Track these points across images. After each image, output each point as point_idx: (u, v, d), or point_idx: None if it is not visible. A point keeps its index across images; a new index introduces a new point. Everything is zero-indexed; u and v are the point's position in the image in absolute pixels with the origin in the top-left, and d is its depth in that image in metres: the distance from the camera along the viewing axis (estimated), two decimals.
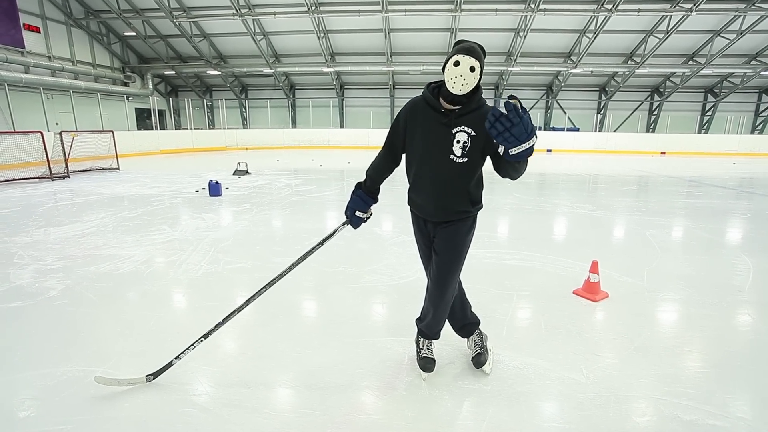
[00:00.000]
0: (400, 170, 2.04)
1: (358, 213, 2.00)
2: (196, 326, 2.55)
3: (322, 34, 18.14)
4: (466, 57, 1.66)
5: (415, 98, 1.88)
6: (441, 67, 1.75)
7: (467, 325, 2.21)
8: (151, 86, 21.06)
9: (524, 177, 10.43)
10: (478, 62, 1.66)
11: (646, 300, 3.07)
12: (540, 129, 21.44)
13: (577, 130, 21.51)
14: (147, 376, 2.03)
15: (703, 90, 21.29)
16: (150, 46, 19.51)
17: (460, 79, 1.67)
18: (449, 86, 1.70)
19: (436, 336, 2.15)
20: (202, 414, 1.84)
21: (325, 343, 2.46)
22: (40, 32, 16.26)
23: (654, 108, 21.84)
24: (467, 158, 1.79)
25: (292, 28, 18.12)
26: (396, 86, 21.95)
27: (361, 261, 3.87)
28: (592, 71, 19.30)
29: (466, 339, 2.27)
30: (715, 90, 20.97)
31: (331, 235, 2.07)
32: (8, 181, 8.65)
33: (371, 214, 2.04)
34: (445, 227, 1.93)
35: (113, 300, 3.05)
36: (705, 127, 21.51)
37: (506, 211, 6.15)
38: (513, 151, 1.53)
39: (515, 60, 18.38)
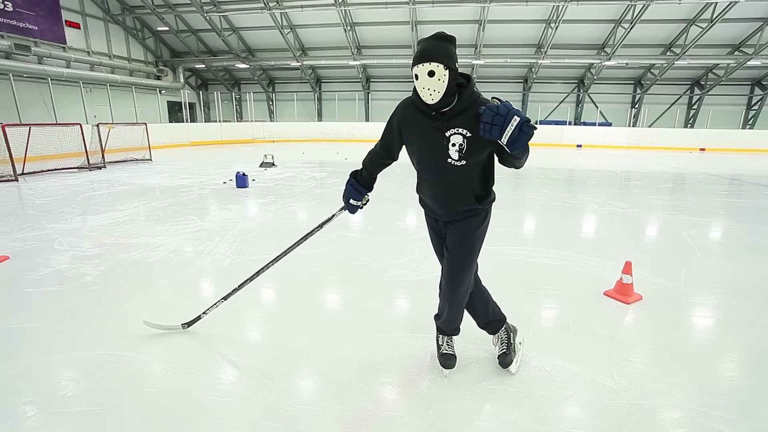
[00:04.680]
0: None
1: (352, 201, 2.07)
2: (220, 314, 2.60)
3: (348, 27, 18.12)
4: (420, 66, 1.59)
5: (405, 100, 1.82)
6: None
7: (491, 322, 2.16)
8: (182, 80, 21.66)
9: (553, 172, 10.15)
10: (435, 63, 1.56)
11: (683, 304, 2.92)
12: (570, 124, 20.77)
13: (610, 125, 20.74)
14: (182, 324, 2.45)
15: (749, 82, 20.04)
16: (182, 40, 20.04)
17: (426, 91, 1.61)
18: (423, 98, 1.65)
19: (455, 332, 2.11)
20: (225, 402, 1.87)
21: (347, 337, 2.45)
22: (80, 28, 16.95)
23: (693, 102, 20.77)
24: (465, 161, 1.71)
25: (319, 21, 18.19)
26: None
27: (386, 255, 3.85)
28: (627, 63, 18.52)
29: (492, 336, 2.21)
30: (763, 82, 19.71)
31: (329, 220, 2.26)
32: (50, 170, 9.09)
33: (368, 201, 2.11)
34: (456, 224, 1.89)
35: (143, 287, 3.15)
36: (750, 122, 20.28)
37: (533, 208, 5.98)
38: (504, 140, 1.51)
39: (545, 52, 17.83)
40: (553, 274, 3.43)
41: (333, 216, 2.24)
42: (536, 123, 21.08)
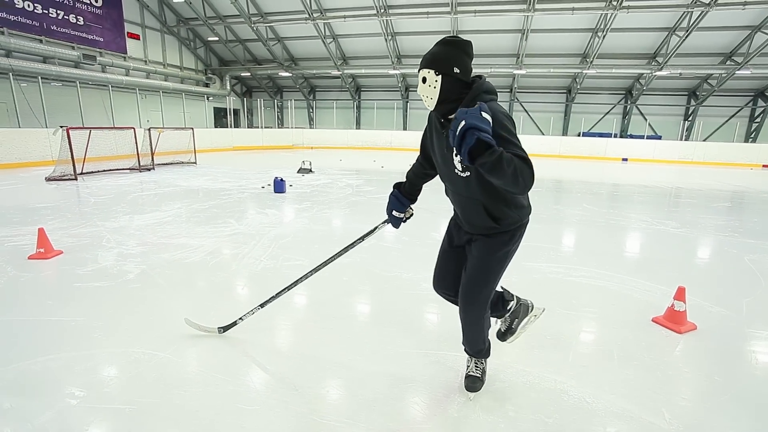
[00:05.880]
0: None
1: (395, 213, 2.01)
2: (252, 319, 2.62)
3: (389, 37, 18.30)
4: (419, 72, 1.61)
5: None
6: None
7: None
8: (228, 87, 22.65)
9: (595, 187, 9.69)
10: (426, 69, 1.57)
11: (745, 337, 2.64)
12: (615, 136, 19.84)
13: (659, 138, 19.62)
14: (218, 328, 2.48)
15: None
16: (230, 49, 21.00)
17: (423, 98, 1.63)
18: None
19: (479, 354, 2.00)
20: (250, 410, 1.86)
21: (376, 350, 2.40)
22: (139, 39, 18.15)
23: (757, 114, 19.27)
24: (469, 172, 1.62)
25: (361, 30, 18.50)
26: None
27: (419, 267, 3.77)
28: (681, 73, 17.47)
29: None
30: None
31: (371, 232, 2.19)
32: (106, 171, 9.71)
33: (411, 214, 2.04)
34: (477, 241, 1.80)
35: (181, 287, 3.24)
36: None
37: (573, 223, 5.70)
38: (454, 147, 1.32)
39: (591, 62, 17.18)
40: (595, 296, 3.23)
41: (376, 228, 2.19)
42: (579, 135, 20.33)
